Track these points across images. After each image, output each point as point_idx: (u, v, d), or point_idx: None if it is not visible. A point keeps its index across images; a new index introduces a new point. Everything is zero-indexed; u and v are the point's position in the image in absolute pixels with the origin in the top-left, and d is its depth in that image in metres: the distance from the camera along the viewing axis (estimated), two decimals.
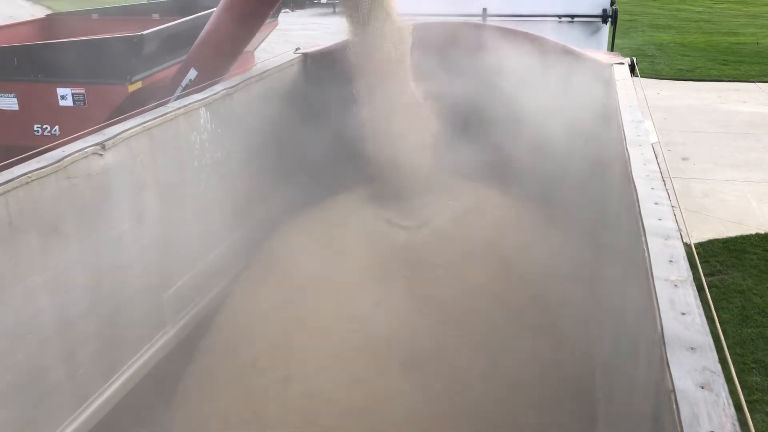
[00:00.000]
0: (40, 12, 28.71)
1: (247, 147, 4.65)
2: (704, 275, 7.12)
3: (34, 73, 5.90)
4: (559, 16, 6.96)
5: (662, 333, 1.76)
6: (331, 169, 5.06)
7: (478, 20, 6.84)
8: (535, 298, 3.94)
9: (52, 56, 6.07)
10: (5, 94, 5.92)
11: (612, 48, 7.44)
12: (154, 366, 3.73)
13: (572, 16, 6.97)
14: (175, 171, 3.88)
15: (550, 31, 6.04)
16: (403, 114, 4.76)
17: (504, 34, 5.11)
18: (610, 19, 7.00)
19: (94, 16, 9.14)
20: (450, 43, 5.09)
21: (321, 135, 5.26)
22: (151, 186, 3.64)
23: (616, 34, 7.70)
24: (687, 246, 2.37)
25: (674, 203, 2.66)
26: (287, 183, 5.18)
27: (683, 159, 9.60)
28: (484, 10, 6.94)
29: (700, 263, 7.08)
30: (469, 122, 4.78)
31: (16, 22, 9.44)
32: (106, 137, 3.30)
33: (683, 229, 2.43)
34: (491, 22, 6.75)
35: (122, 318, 3.48)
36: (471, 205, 4.87)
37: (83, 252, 3.14)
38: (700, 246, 6.85)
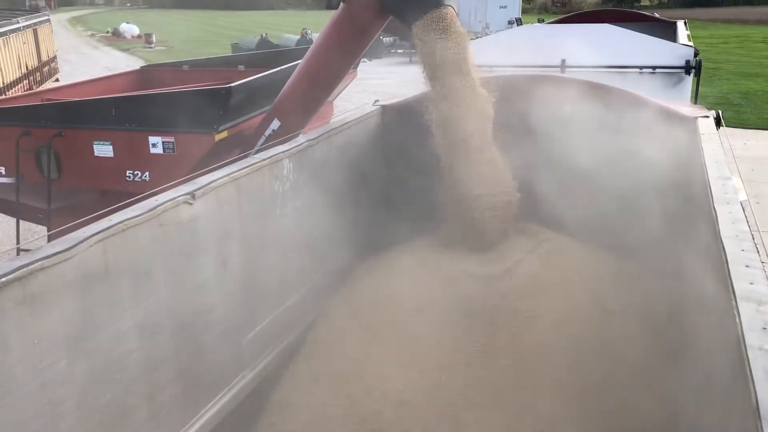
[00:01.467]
0: (134, 62, 30.55)
1: (326, 196, 4.76)
2: None
3: (129, 122, 6.25)
4: (641, 67, 6.88)
5: (757, 405, 1.69)
6: (408, 216, 5.10)
7: (556, 71, 6.85)
8: (615, 358, 3.82)
9: (145, 107, 6.44)
10: (102, 142, 6.28)
11: (696, 100, 7.28)
12: (233, 409, 3.81)
13: (654, 67, 6.88)
14: (258, 219, 4.01)
15: (631, 83, 5.97)
16: (482, 164, 4.78)
17: (583, 86, 5.09)
18: (693, 70, 6.87)
19: (185, 67, 9.66)
20: (529, 96, 5.10)
21: (398, 184, 5.35)
22: (236, 233, 3.78)
23: (700, 82, 7.54)
24: None
25: (764, 259, 2.56)
26: (364, 230, 5.26)
27: None
28: (563, 61, 6.94)
29: None
30: (547, 173, 4.75)
31: (113, 73, 10.10)
32: (196, 187, 3.46)
33: None
34: (570, 73, 6.75)
35: (203, 361, 3.58)
36: (552, 254, 4.80)
37: (170, 297, 3.27)
38: None
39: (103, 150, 6.29)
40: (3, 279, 2.38)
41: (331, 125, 5.03)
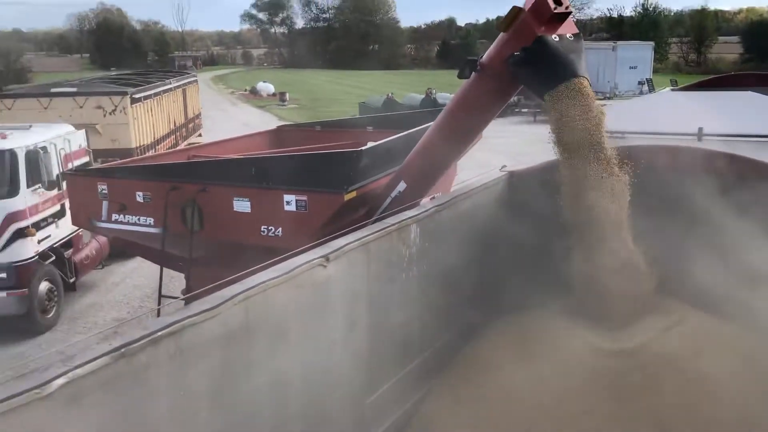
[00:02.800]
0: (268, 119, 32.44)
1: (451, 260, 4.81)
2: None
3: (267, 180, 6.64)
4: None
5: None
6: (533, 284, 5.03)
7: (692, 140, 6.61)
8: None
9: (282, 166, 6.83)
10: (241, 198, 6.69)
11: None
12: None
13: None
14: (386, 282, 4.12)
15: None
16: (613, 242, 4.65)
17: (719, 158, 4.88)
18: None
19: (317, 128, 10.17)
20: (659, 166, 4.96)
21: (525, 249, 5.29)
22: (364, 296, 3.90)
23: None
24: None
25: None
26: (487, 296, 5.23)
27: None
28: (700, 129, 6.70)
29: None
30: (686, 250, 4.56)
31: (252, 132, 10.80)
32: (330, 250, 3.62)
33: None
34: (708, 142, 6.49)
35: (327, 420, 3.68)
36: (688, 330, 4.56)
37: (301, 355, 3.41)
38: None
39: (242, 206, 6.69)
40: (159, 333, 2.60)
41: (458, 191, 5.11)
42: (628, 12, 78.88)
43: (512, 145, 20.23)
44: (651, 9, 76.49)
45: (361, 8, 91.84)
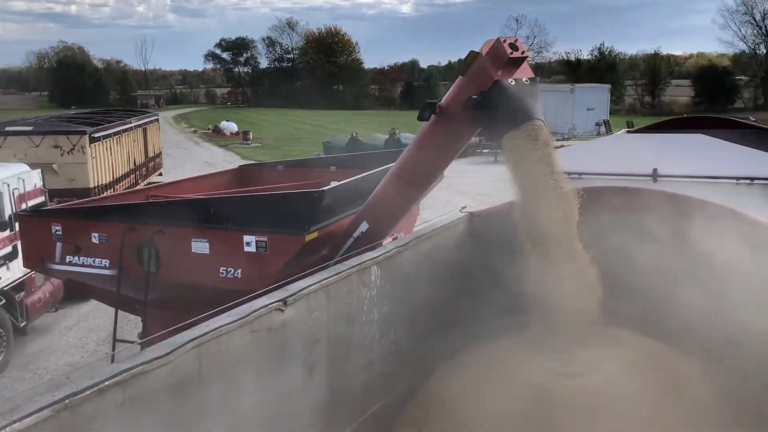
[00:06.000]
0: (231, 158, 32.31)
1: (412, 301, 4.78)
2: None
3: (226, 221, 6.55)
4: (737, 178, 6.68)
5: None
6: (492, 320, 5.04)
7: (647, 181, 6.75)
8: None
9: (241, 207, 6.76)
10: (200, 239, 6.58)
11: None
12: None
13: (752, 178, 6.66)
14: (346, 325, 4.06)
15: (727, 194, 5.80)
16: (567, 270, 4.72)
17: (672, 199, 5.01)
18: None
19: (280, 167, 10.14)
20: (614, 206, 5.07)
21: (486, 290, 5.30)
22: (323, 340, 3.83)
23: None
24: None
25: None
26: (447, 334, 5.21)
27: None
28: (655, 170, 6.85)
29: None
30: (636, 283, 4.65)
31: (214, 172, 10.72)
32: (288, 293, 3.56)
33: None
34: (662, 183, 6.64)
35: None
36: (639, 359, 4.65)
37: (258, 403, 3.32)
38: None
39: (200, 247, 6.58)
40: (106, 383, 2.50)
41: (419, 232, 5.12)
42: (585, 55, 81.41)
43: (474, 185, 20.47)
44: (607, 53, 79.08)
45: (324, 50, 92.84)
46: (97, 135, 13.76)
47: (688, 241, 4.57)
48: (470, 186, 20.02)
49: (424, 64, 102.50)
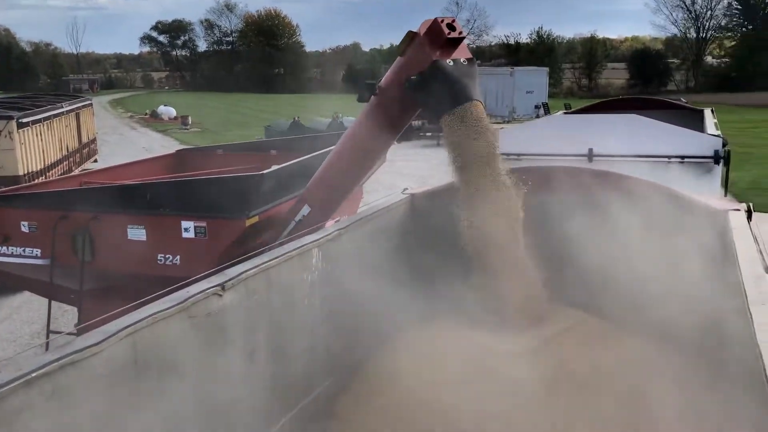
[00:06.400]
0: (170, 143, 31.52)
1: (355, 283, 4.76)
2: None
3: (163, 207, 6.39)
4: (669, 157, 6.89)
5: None
6: (435, 298, 5.09)
7: (584, 161, 6.90)
8: None
9: (179, 192, 6.60)
10: (136, 226, 6.40)
11: (726, 190, 7.23)
12: None
13: (682, 157, 6.89)
14: (287, 309, 4.02)
15: (659, 172, 5.98)
16: (508, 259, 4.79)
17: (607, 177, 5.13)
18: (722, 160, 6.86)
19: (219, 151, 9.94)
20: (551, 186, 5.16)
21: (428, 271, 5.34)
22: (264, 324, 3.78)
23: (730, 167, 7.50)
24: None
25: None
26: (392, 313, 5.23)
27: None
28: (590, 150, 7.00)
29: None
30: (574, 263, 4.75)
31: (150, 156, 10.43)
32: (226, 278, 3.49)
33: None
34: (597, 162, 6.79)
35: None
36: (577, 333, 4.76)
37: (197, 390, 3.25)
38: None
39: (137, 234, 6.41)
40: (34, 374, 2.40)
41: (360, 215, 5.10)
42: (524, 39, 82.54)
43: (418, 168, 20.57)
44: (545, 36, 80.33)
45: (264, 32, 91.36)
46: (25, 120, 13.21)
47: (622, 218, 4.68)
48: (414, 169, 20.11)
49: (366, 47, 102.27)
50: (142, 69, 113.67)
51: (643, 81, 70.76)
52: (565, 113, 11.79)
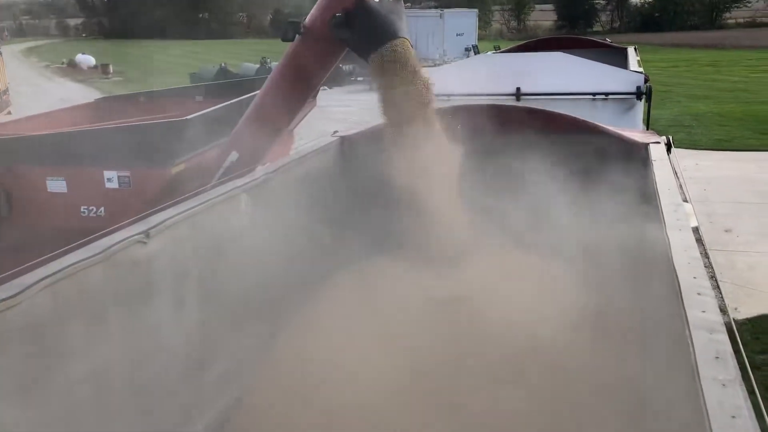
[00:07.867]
0: (90, 94, 30.12)
1: (284, 228, 4.71)
2: (755, 353, 6.85)
3: (83, 157, 6.13)
4: (593, 94, 7.03)
5: None
6: (367, 240, 5.10)
7: (512, 99, 6.96)
8: (572, 386, 3.81)
9: (99, 141, 6.33)
10: (55, 178, 6.14)
11: (648, 126, 7.46)
12: None
13: (606, 94, 7.03)
14: (216, 255, 3.95)
15: (584, 110, 6.10)
16: (436, 192, 4.82)
17: (534, 114, 5.19)
18: (644, 95, 7.04)
19: (142, 99, 9.55)
20: (480, 124, 5.18)
21: (359, 213, 5.34)
22: (192, 271, 3.70)
23: (651, 105, 7.73)
24: (731, 324, 2.31)
25: (720, 278, 2.60)
26: (325, 255, 5.22)
27: (726, 231, 9.42)
28: (518, 89, 7.06)
29: (750, 340, 6.81)
30: (505, 197, 4.82)
31: (68, 106, 9.92)
32: (150, 225, 3.39)
33: (729, 306, 2.37)
34: (525, 101, 6.87)
35: (163, 405, 3.47)
36: (509, 271, 4.87)
37: (125, 341, 3.18)
38: (748, 322, 6.64)
39: (57, 186, 6.15)
40: None
41: (289, 158, 5.01)
42: None
43: (350, 113, 20.35)
44: None
45: None
46: None
47: (548, 154, 4.76)
48: (347, 114, 19.89)
49: None
50: (56, 15, 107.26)
51: (570, 22, 71.56)
52: (495, 53, 11.83)
